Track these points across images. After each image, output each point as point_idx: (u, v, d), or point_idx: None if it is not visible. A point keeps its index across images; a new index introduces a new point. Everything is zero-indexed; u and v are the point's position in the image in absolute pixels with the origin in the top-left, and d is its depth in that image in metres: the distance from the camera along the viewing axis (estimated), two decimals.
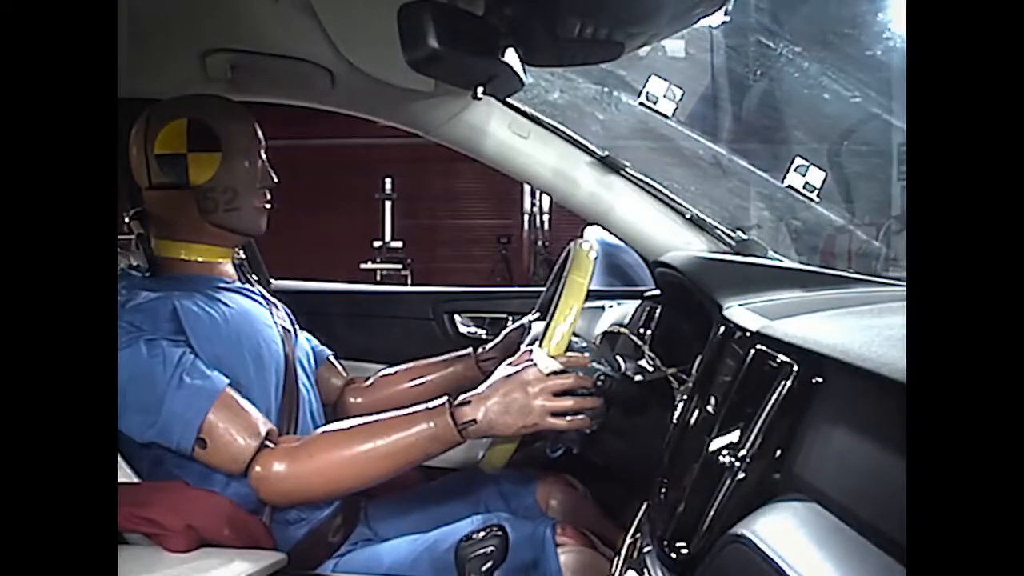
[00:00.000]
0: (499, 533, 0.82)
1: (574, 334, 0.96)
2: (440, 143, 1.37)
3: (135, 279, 1.03)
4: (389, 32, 0.69)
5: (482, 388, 0.92)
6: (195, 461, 0.89)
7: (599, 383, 0.94)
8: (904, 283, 0.85)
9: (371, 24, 0.98)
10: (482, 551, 0.80)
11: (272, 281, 1.66)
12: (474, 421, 0.89)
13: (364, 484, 0.93)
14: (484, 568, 0.79)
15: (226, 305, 1.01)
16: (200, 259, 1.06)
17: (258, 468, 0.88)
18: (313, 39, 1.03)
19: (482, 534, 0.82)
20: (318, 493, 0.94)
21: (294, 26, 1.02)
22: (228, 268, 1.10)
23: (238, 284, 1.09)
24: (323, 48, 1.05)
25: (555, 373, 0.92)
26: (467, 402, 0.91)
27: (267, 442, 0.90)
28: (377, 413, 0.94)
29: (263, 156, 1.07)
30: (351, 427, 0.92)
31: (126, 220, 1.09)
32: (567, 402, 0.91)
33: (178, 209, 1.03)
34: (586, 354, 0.98)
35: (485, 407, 0.89)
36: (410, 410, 0.92)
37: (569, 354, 0.95)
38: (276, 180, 1.08)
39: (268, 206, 1.08)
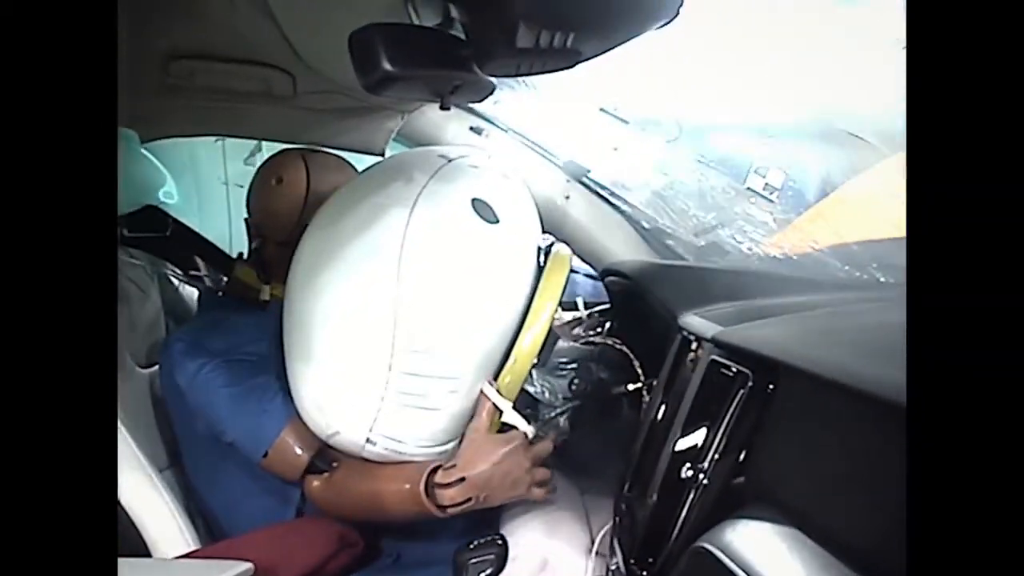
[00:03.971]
0: (499, 542, 0.81)
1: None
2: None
3: (223, 300, 1.16)
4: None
5: (468, 462, 0.90)
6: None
7: (573, 387, 0.94)
8: (863, 287, 0.87)
9: (330, 31, 0.96)
10: (481, 559, 0.80)
11: None
12: (469, 500, 0.88)
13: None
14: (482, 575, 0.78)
15: None
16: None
17: (316, 483, 0.98)
18: (273, 44, 1.01)
19: (482, 542, 0.81)
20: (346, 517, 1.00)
21: (254, 31, 1.00)
22: None
23: None
24: (284, 53, 1.03)
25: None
26: (458, 481, 0.88)
27: (316, 459, 0.98)
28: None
29: None
30: (351, 484, 0.97)
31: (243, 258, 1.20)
32: (546, 472, 0.94)
33: None
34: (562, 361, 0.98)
35: (479, 486, 0.88)
36: (393, 492, 0.91)
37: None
38: None
39: None
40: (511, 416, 0.91)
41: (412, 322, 0.85)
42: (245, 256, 1.24)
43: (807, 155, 1.19)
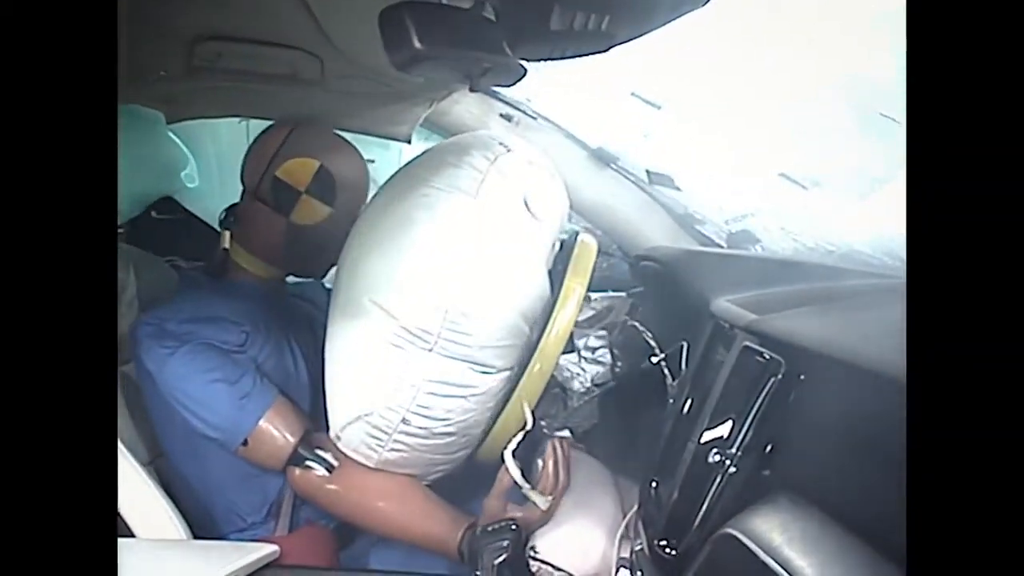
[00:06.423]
0: (513, 527, 0.82)
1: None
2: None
3: (201, 280, 1.10)
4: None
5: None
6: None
7: (596, 386, 0.94)
8: (895, 276, 0.85)
9: (360, 14, 0.96)
10: (496, 543, 0.80)
11: None
12: None
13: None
14: (498, 561, 0.79)
15: (285, 313, 1.09)
16: (266, 276, 1.12)
17: (297, 471, 0.97)
18: (302, 26, 1.01)
19: (496, 527, 0.82)
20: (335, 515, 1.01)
21: (282, 12, 0.99)
22: (282, 281, 1.18)
23: (289, 292, 1.18)
24: (312, 36, 1.03)
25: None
26: None
27: (300, 447, 0.97)
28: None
29: None
30: (376, 497, 0.96)
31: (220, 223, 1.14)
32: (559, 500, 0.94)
33: (268, 229, 1.09)
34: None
35: None
36: (422, 531, 0.94)
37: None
38: None
39: None
40: (527, 491, 0.91)
41: (462, 306, 0.85)
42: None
43: (842, 141, 1.16)
